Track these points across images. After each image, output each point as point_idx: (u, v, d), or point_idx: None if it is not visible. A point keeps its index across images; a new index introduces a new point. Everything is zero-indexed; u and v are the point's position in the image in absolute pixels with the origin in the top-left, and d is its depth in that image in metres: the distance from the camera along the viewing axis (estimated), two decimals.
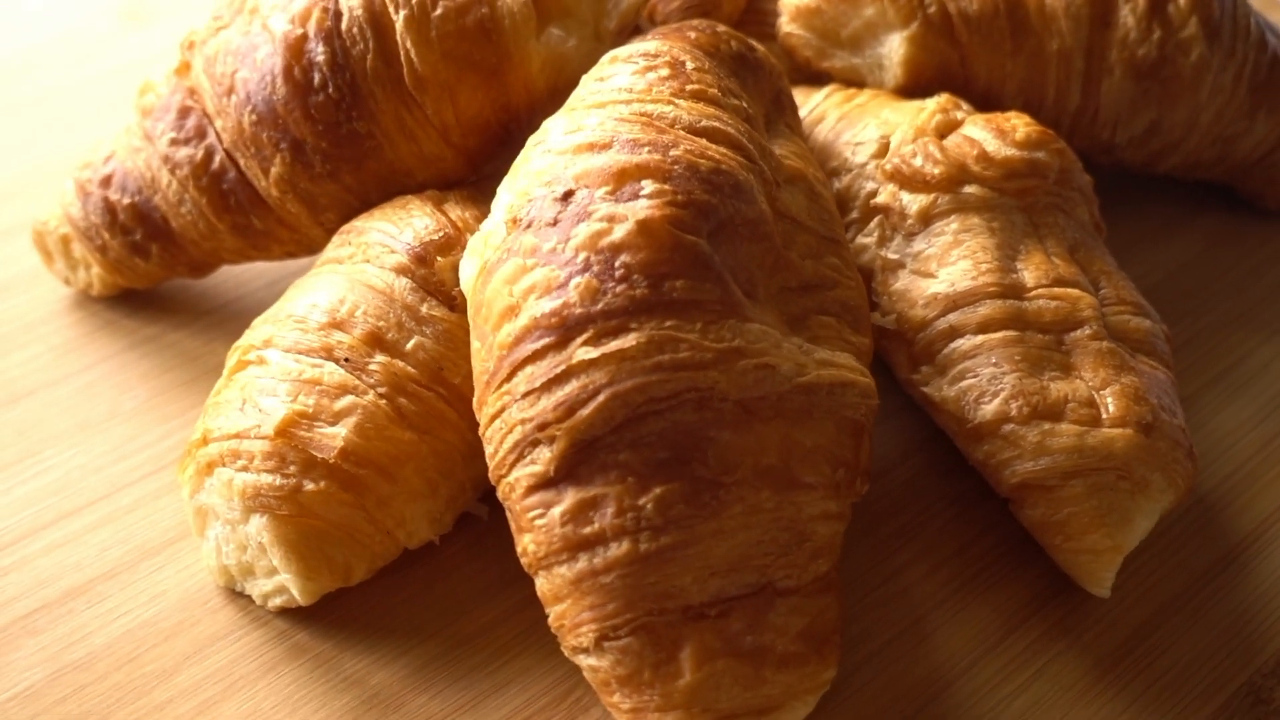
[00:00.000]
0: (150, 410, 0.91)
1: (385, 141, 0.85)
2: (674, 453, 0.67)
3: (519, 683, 0.75)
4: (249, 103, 0.85)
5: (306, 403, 0.75)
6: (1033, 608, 0.80)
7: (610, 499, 0.66)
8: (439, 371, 0.77)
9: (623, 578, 0.66)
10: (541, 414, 0.67)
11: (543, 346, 0.68)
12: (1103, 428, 0.75)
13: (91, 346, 0.96)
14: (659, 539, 0.66)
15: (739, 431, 0.68)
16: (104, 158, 0.94)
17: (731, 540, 0.67)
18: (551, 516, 0.67)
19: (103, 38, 1.29)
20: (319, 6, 0.84)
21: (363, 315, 0.78)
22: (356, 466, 0.73)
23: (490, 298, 0.71)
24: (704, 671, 0.66)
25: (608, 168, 0.71)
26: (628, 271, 0.68)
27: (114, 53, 1.28)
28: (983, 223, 0.82)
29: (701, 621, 0.67)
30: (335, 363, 0.76)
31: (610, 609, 0.67)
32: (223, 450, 0.75)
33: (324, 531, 0.74)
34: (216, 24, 0.91)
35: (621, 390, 0.66)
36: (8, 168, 1.15)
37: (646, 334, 0.67)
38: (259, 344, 0.79)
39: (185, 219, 0.90)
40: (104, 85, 1.24)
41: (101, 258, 0.94)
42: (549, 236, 0.70)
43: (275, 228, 0.90)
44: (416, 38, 0.82)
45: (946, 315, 0.80)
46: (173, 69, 0.92)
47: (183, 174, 0.89)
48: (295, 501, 0.73)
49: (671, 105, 0.76)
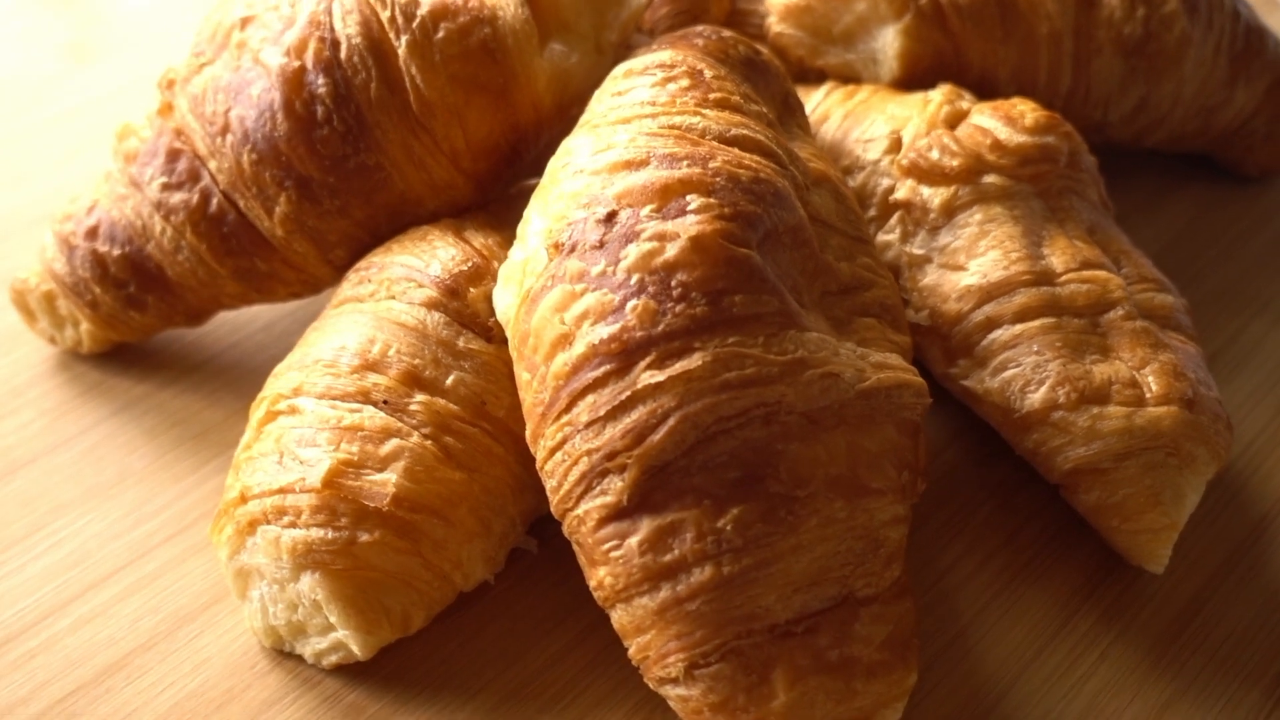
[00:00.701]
0: (161, 469, 0.87)
1: (394, 171, 0.82)
2: (746, 471, 0.66)
3: (592, 717, 0.74)
4: (247, 141, 0.82)
5: (350, 450, 0.72)
6: (1086, 591, 0.80)
7: (688, 524, 0.65)
8: (482, 406, 0.75)
9: (708, 603, 0.65)
10: (609, 443, 0.66)
11: (604, 374, 0.66)
12: (1148, 407, 0.76)
13: (87, 407, 0.92)
14: (741, 560, 0.65)
15: (807, 443, 0.67)
16: (86, 208, 0.89)
17: (810, 554, 0.66)
18: (629, 547, 0.66)
19: (50, 79, 1.24)
20: (315, 37, 0.81)
21: (396, 354, 0.75)
22: (411, 512, 0.71)
23: (538, 327, 0.69)
24: (797, 691, 0.65)
25: (650, 185, 0.69)
26: (685, 290, 0.66)
27: (64, 94, 1.22)
28: (1005, 211, 0.83)
29: (789, 640, 0.66)
30: (374, 406, 0.74)
31: (698, 636, 0.65)
32: (265, 508, 0.72)
33: (381, 582, 0.71)
34: (198, 60, 0.87)
35: (691, 412, 0.65)
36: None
37: (711, 353, 0.66)
38: (288, 393, 0.76)
39: (183, 266, 0.87)
40: (59, 129, 1.19)
41: (92, 313, 0.90)
42: (596, 260, 0.68)
43: (280, 269, 0.86)
44: (421, 63, 0.80)
45: (982, 307, 0.80)
46: (154, 110, 0.88)
47: (178, 220, 0.85)
48: (350, 554, 0.70)
49: (698, 116, 0.75)
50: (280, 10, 0.84)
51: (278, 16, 0.84)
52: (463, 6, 0.81)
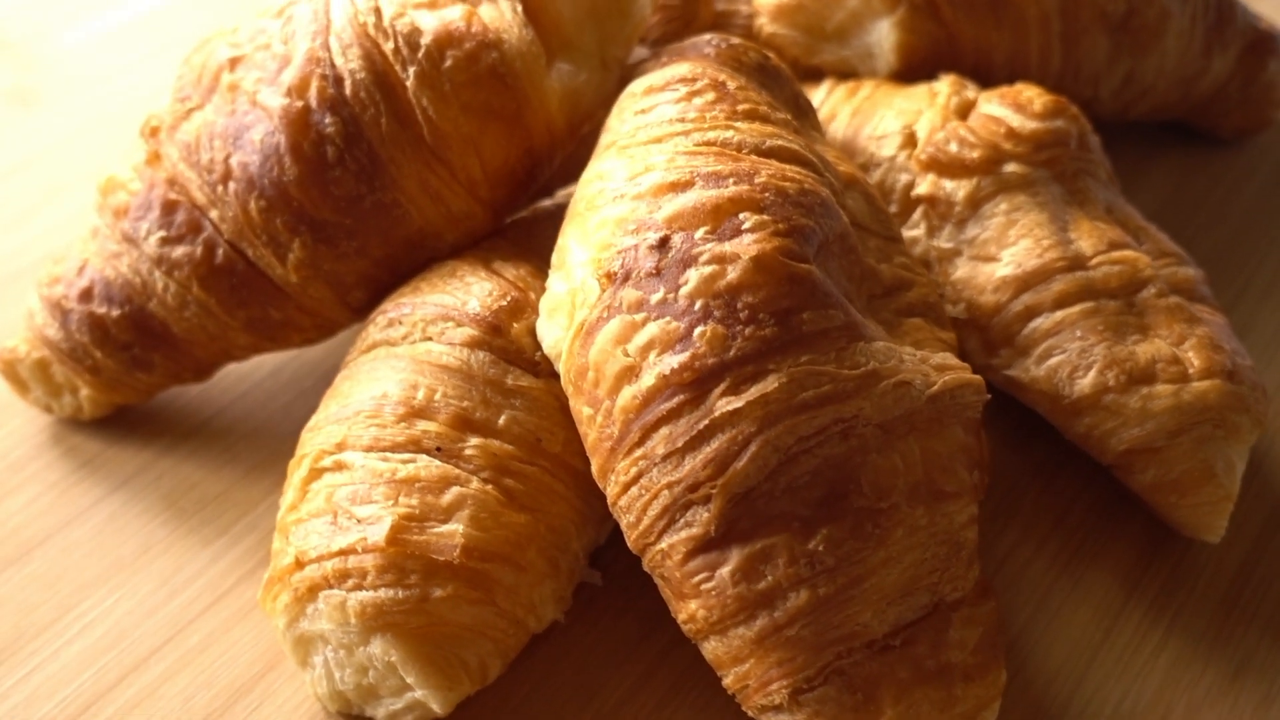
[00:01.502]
0: (186, 535, 0.83)
1: (411, 207, 0.79)
2: (830, 488, 0.65)
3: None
4: (254, 188, 0.78)
5: (410, 504, 0.69)
6: (1140, 567, 0.81)
7: (779, 549, 0.64)
8: (538, 443, 0.73)
9: (807, 627, 0.64)
10: (691, 474, 0.64)
11: (677, 404, 0.65)
12: (1192, 382, 0.77)
13: (95, 477, 0.87)
14: (835, 579, 0.64)
15: (884, 454, 0.66)
16: (76, 269, 0.85)
17: (899, 565, 0.66)
18: (720, 578, 0.64)
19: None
20: (316, 74, 0.78)
21: (443, 398, 0.73)
22: (481, 561, 0.69)
23: (598, 360, 0.67)
24: (902, 705, 0.65)
25: (701, 206, 0.68)
26: (753, 312, 0.65)
27: (13, 144, 1.16)
28: (1029, 199, 0.83)
29: (888, 654, 0.65)
30: (427, 454, 0.71)
31: (800, 661, 0.64)
32: (326, 572, 0.69)
33: (457, 636, 0.69)
34: (185, 106, 0.83)
35: (772, 436, 0.64)
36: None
37: (786, 373, 0.65)
38: (331, 448, 0.73)
39: (190, 322, 0.83)
40: (13, 182, 1.12)
41: (93, 378, 0.86)
42: (654, 287, 0.67)
43: (295, 316, 0.83)
44: (433, 94, 0.77)
45: (1020, 296, 0.80)
46: (140, 161, 0.84)
47: (183, 274, 0.81)
48: (424, 612, 0.68)
49: (731, 129, 0.73)
50: (272, 49, 0.80)
51: (270, 56, 0.80)
52: (467, 32, 0.79)
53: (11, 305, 0.99)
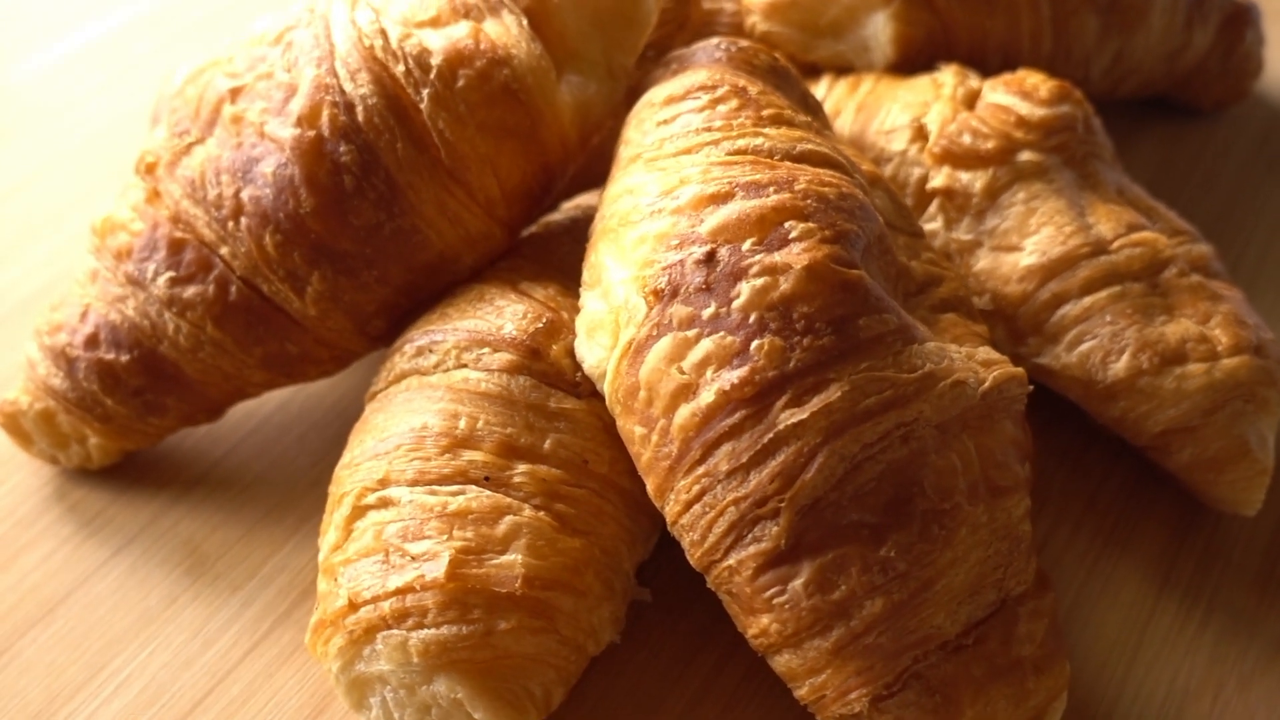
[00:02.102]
0: (214, 581, 0.81)
1: (430, 231, 0.77)
2: (895, 493, 0.65)
3: None
4: (268, 222, 0.76)
5: (465, 536, 0.68)
6: (1175, 543, 0.83)
7: (851, 557, 0.64)
8: (585, 465, 0.72)
9: (884, 633, 0.64)
10: (758, 489, 0.64)
11: (740, 419, 0.64)
12: (1222, 360, 0.78)
13: (110, 528, 0.84)
14: (907, 584, 0.64)
15: (942, 455, 0.66)
16: (78, 315, 0.82)
17: (966, 564, 0.66)
18: (794, 591, 0.64)
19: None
20: (326, 102, 0.75)
21: (486, 427, 0.71)
22: (543, 590, 0.68)
23: (651, 379, 0.66)
24: (980, 703, 0.65)
25: (745, 217, 0.67)
26: (809, 322, 0.65)
27: None
28: (1045, 186, 0.83)
29: (961, 654, 0.66)
30: (476, 484, 0.70)
31: (879, 668, 0.64)
32: (383, 612, 0.67)
33: (522, 668, 0.68)
34: (183, 141, 0.80)
35: (838, 445, 0.64)
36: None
37: (848, 381, 0.64)
38: (374, 485, 0.71)
39: (204, 362, 0.80)
40: None
41: (104, 426, 0.82)
42: (705, 302, 0.66)
43: (313, 349, 0.81)
44: (449, 115, 0.75)
45: (1046, 284, 0.81)
46: (139, 199, 0.81)
47: (196, 315, 0.78)
48: (489, 646, 0.66)
49: (760, 136, 0.73)
50: (275, 78, 0.78)
51: (274, 85, 0.78)
52: (477, 50, 0.77)
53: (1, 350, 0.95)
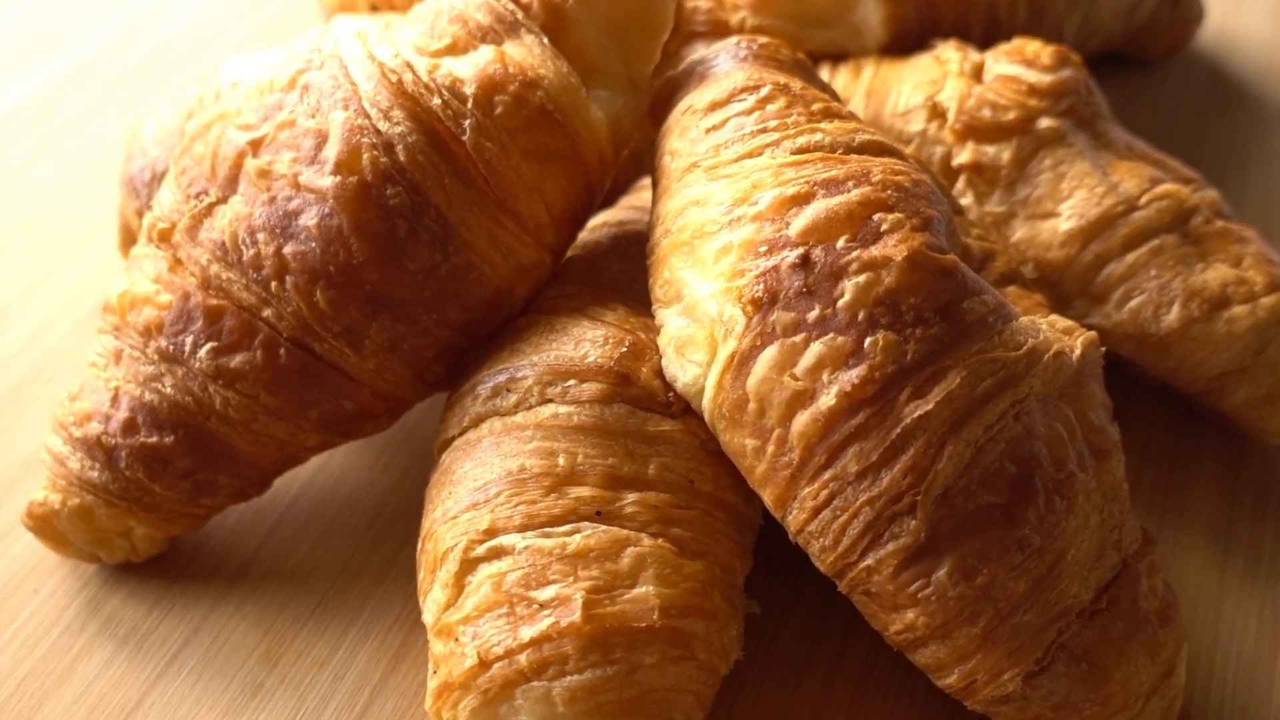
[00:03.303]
0: (296, 660, 0.77)
1: (485, 266, 0.75)
2: (1018, 470, 0.65)
3: None
4: (318, 278, 0.72)
5: (592, 575, 0.66)
6: (1232, 477, 0.86)
7: (990, 540, 0.64)
8: (690, 486, 0.70)
9: (1030, 611, 0.64)
10: (892, 486, 0.64)
11: (865, 419, 0.64)
12: (1261, 298, 0.81)
13: (169, 620, 0.79)
14: (1044, 558, 0.65)
15: (1049, 426, 0.67)
16: (108, 401, 0.76)
17: (1088, 530, 0.67)
18: (938, 582, 0.64)
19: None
20: (364, 145, 0.72)
21: (587, 460, 0.69)
22: (679, 618, 0.66)
23: (761, 390, 0.66)
24: (1124, 663, 0.66)
25: (834, 215, 0.67)
26: (918, 313, 0.65)
27: None
28: (1068, 150, 0.85)
29: (1098, 618, 0.67)
30: (589, 521, 0.68)
31: (1029, 646, 0.65)
32: (520, 666, 0.65)
33: (665, 699, 0.66)
34: (201, 203, 0.76)
35: (965, 432, 0.64)
36: None
37: (964, 367, 0.64)
38: (480, 536, 0.68)
39: (257, 432, 0.76)
40: None
41: (151, 515, 0.78)
42: (808, 305, 0.65)
43: (370, 403, 0.77)
44: (493, 145, 0.73)
45: (1088, 246, 0.82)
46: (160, 270, 0.76)
47: (246, 384, 0.74)
48: (634, 684, 0.65)
49: (818, 131, 0.72)
50: (299, 126, 0.74)
51: (299, 133, 0.74)
52: (507, 74, 0.75)
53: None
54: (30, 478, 0.87)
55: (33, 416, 0.91)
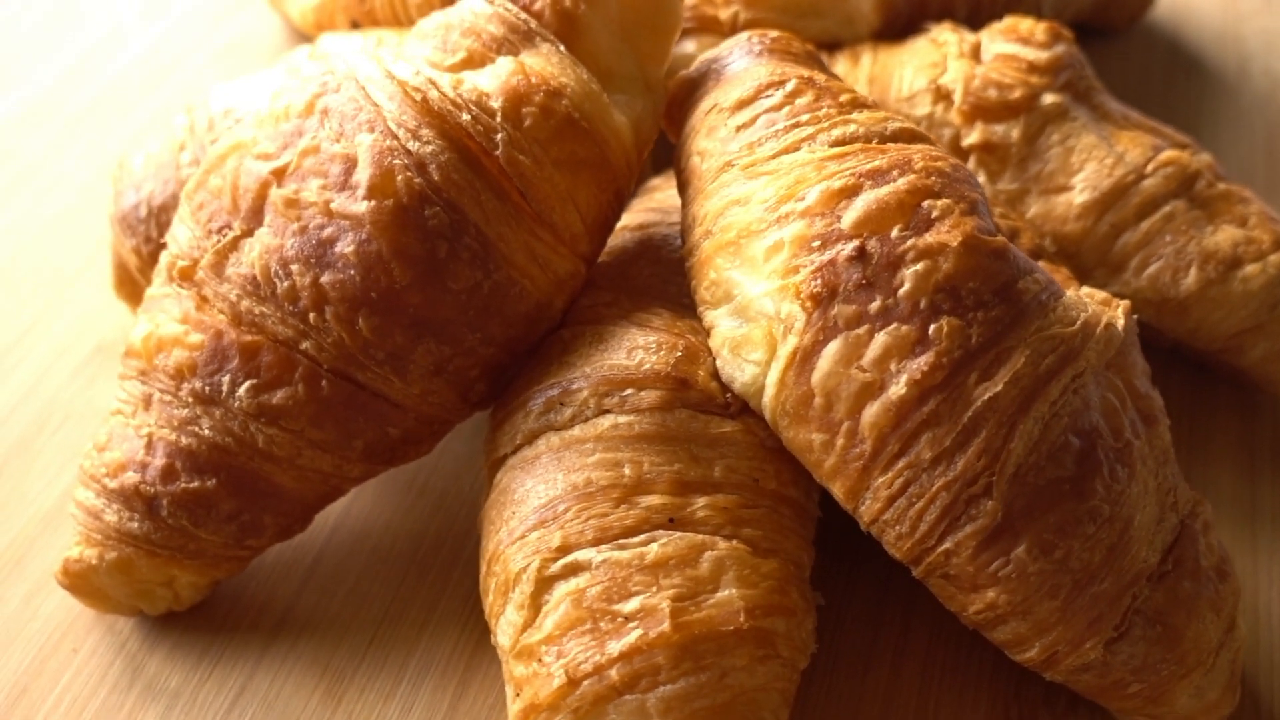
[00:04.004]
0: (360, 694, 0.75)
1: (525, 281, 0.74)
2: (1082, 443, 0.66)
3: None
4: (360, 305, 0.71)
5: (674, 583, 0.66)
6: (1249, 430, 0.89)
7: (1064, 514, 0.65)
8: (756, 485, 0.70)
9: (1106, 579, 0.66)
10: (966, 469, 0.64)
11: (936, 405, 0.64)
12: (1269, 255, 0.84)
13: (221, 667, 0.77)
14: (1115, 526, 0.66)
15: (1103, 396, 0.69)
16: (142, 448, 0.74)
17: (1148, 495, 0.69)
18: (1018, 560, 0.65)
19: None
20: (396, 167, 0.70)
21: (653, 468, 0.69)
22: (763, 618, 0.66)
23: (827, 384, 0.66)
24: (1194, 621, 0.68)
25: (885, 205, 0.67)
26: (977, 296, 0.65)
27: None
28: (1072, 124, 0.87)
29: (1166, 580, 0.68)
30: (663, 529, 0.67)
31: (1108, 614, 0.66)
32: (611, 681, 0.64)
33: (754, 700, 0.66)
34: (225, 237, 0.74)
35: (1033, 410, 0.65)
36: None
37: (1026, 346, 0.65)
38: (552, 553, 0.68)
39: (302, 467, 0.74)
40: None
41: (195, 561, 0.75)
42: (869, 297, 0.66)
43: (414, 428, 0.76)
44: (527, 158, 0.72)
45: (1104, 217, 0.84)
46: (187, 309, 0.74)
47: (291, 420, 0.72)
48: (725, 688, 0.65)
49: (851, 123, 0.73)
50: (323, 151, 0.72)
51: (325, 159, 0.72)
52: (530, 85, 0.74)
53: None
54: (50, 533, 0.84)
55: (44, 470, 0.88)
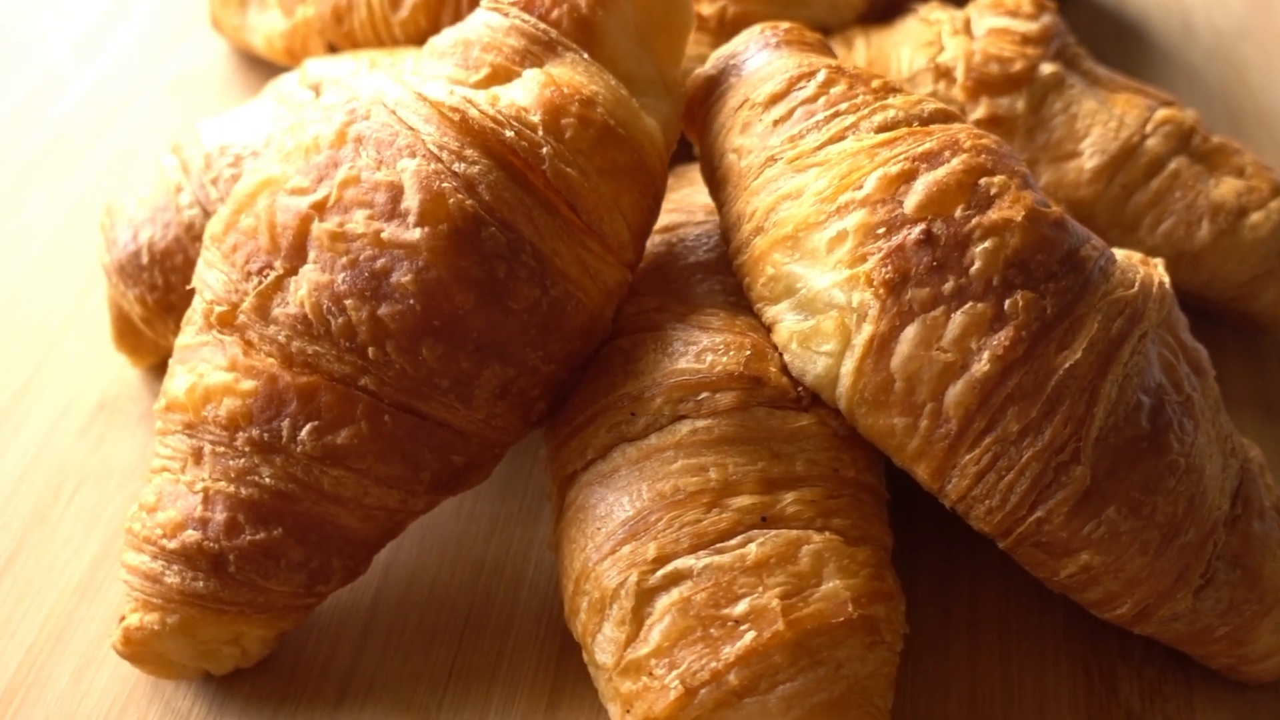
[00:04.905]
0: None
1: (579, 294, 0.73)
2: (1151, 399, 0.69)
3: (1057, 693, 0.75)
4: (423, 335, 0.69)
5: (779, 582, 0.66)
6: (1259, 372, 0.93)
7: (1148, 472, 0.67)
8: (837, 474, 0.71)
9: (1191, 529, 0.68)
10: (1054, 439, 0.66)
11: (1021, 379, 0.65)
12: (1270, 202, 0.87)
13: (301, 717, 0.75)
14: (1191, 477, 0.68)
15: (1159, 353, 0.71)
16: (198, 505, 0.71)
17: (1210, 443, 0.71)
18: (1109, 520, 0.67)
19: None
20: (445, 190, 0.69)
21: (738, 469, 0.69)
22: (869, 605, 0.67)
23: (908, 368, 0.67)
24: (1269, 559, 0.71)
25: (945, 187, 0.68)
26: (1047, 268, 0.67)
27: None
28: (1070, 92, 0.89)
29: (1239, 523, 0.71)
30: (757, 528, 0.68)
31: (1194, 563, 0.69)
32: (730, 687, 0.64)
33: (868, 687, 0.67)
34: (267, 277, 0.71)
35: (1110, 373, 0.66)
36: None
37: (1098, 311, 0.67)
38: (649, 565, 0.67)
39: (369, 506, 0.72)
40: None
41: (265, 615, 0.73)
42: (942, 278, 0.66)
43: (478, 454, 0.74)
44: (574, 170, 0.71)
45: (1115, 179, 0.87)
46: (234, 355, 0.71)
47: (358, 459, 0.70)
48: (842, 678, 0.65)
49: (889, 108, 0.74)
50: (365, 181, 0.70)
51: (367, 189, 0.70)
52: (563, 95, 0.73)
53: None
54: (87, 603, 0.80)
55: (67, 539, 0.84)
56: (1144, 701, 0.74)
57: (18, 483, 0.87)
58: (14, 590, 0.81)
